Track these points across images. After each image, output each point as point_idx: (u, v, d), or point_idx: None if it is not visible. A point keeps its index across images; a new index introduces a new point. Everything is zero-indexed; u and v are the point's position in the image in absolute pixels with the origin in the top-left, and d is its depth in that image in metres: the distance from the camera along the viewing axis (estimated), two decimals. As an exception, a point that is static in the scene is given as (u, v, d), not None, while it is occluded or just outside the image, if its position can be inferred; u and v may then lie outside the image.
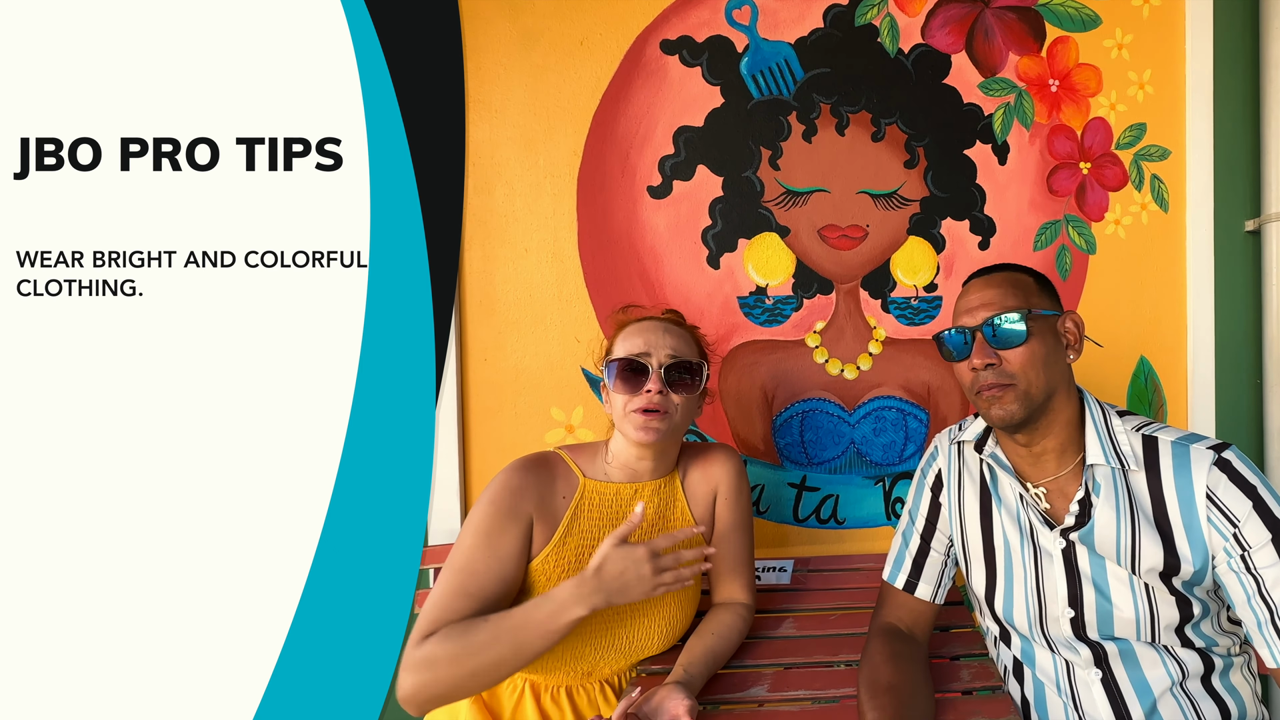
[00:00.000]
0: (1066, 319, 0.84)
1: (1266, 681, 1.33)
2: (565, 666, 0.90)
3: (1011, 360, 0.79)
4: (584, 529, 0.91)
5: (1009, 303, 0.80)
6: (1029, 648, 0.87)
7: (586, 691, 0.93)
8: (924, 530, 0.95)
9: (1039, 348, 0.79)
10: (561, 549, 0.89)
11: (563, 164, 1.34)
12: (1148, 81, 1.37)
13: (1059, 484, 0.83)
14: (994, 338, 0.80)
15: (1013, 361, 0.79)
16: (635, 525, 0.81)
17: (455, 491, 1.28)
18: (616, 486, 0.95)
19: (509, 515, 0.86)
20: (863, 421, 1.35)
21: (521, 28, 1.33)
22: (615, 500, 0.94)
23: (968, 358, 0.81)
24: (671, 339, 0.93)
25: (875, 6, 1.34)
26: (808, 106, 1.34)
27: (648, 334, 0.92)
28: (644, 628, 0.93)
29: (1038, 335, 0.79)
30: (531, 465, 0.92)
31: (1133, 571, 0.77)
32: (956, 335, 0.83)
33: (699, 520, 1.00)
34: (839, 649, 1.00)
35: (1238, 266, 1.38)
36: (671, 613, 0.95)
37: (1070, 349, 0.83)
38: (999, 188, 1.36)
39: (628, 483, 0.95)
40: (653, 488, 0.97)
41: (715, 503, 1.02)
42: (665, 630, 0.94)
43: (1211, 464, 0.75)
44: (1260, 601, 0.71)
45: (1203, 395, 1.36)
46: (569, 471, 0.95)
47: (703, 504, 1.01)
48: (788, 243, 1.34)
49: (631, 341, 0.92)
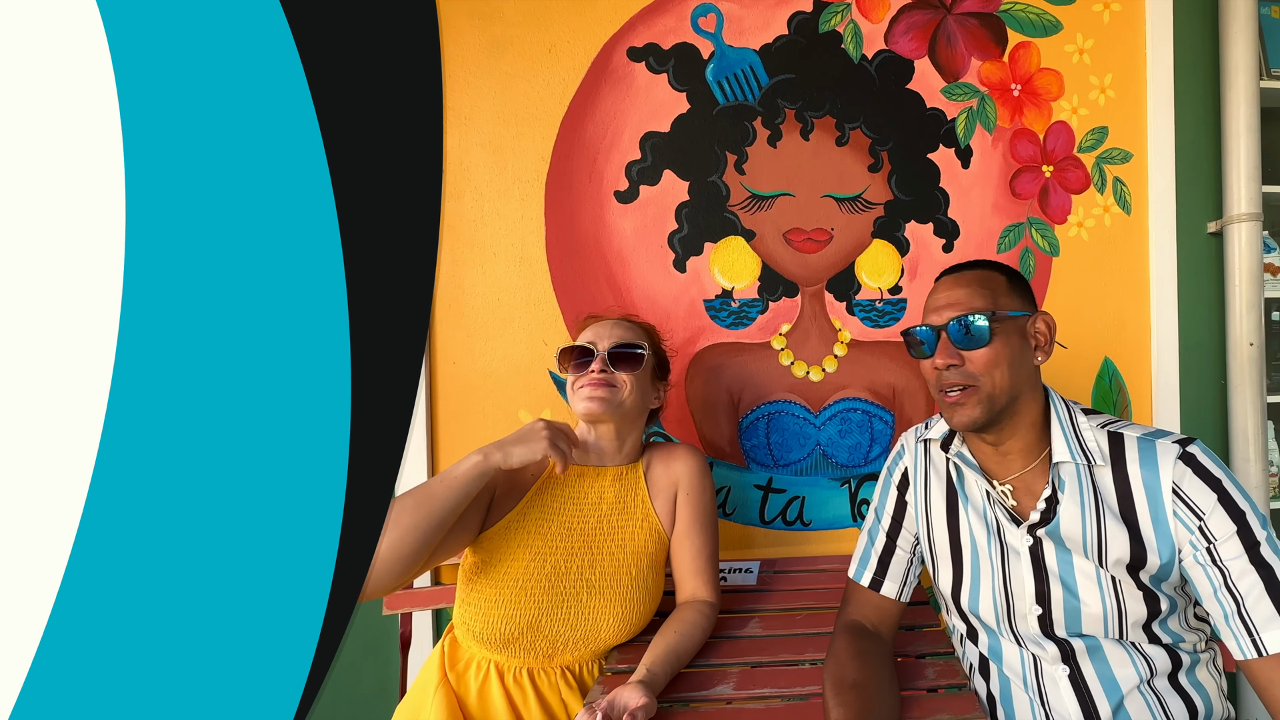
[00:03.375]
0: (1037, 319, 0.83)
1: (1233, 679, 1.34)
2: (525, 640, 0.92)
3: (975, 361, 0.79)
4: (544, 504, 0.98)
5: (974, 303, 0.80)
6: (996, 643, 0.87)
7: (548, 675, 0.95)
8: (890, 528, 0.96)
9: (1003, 349, 0.79)
10: (522, 520, 0.96)
11: (531, 170, 1.35)
12: (1109, 85, 1.38)
13: (1025, 481, 0.84)
14: (958, 338, 0.79)
15: (976, 362, 0.79)
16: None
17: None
18: (581, 469, 1.02)
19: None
20: (828, 423, 1.36)
21: (491, 36, 1.35)
22: (579, 481, 1.01)
23: (933, 355, 0.82)
24: (620, 330, 1.03)
25: (839, 13, 1.36)
26: (773, 112, 1.36)
27: (598, 329, 1.04)
28: (600, 607, 0.95)
29: (1002, 336, 0.79)
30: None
31: (1100, 564, 0.78)
32: (923, 332, 0.83)
33: (659, 512, 1.03)
34: (805, 648, 1.00)
35: (1201, 268, 1.39)
36: (629, 598, 0.97)
37: (1039, 350, 0.83)
38: (962, 191, 1.37)
39: (592, 466, 1.03)
40: (615, 474, 1.03)
41: (676, 497, 1.04)
42: (621, 614, 0.96)
43: (1177, 458, 0.76)
44: (1227, 593, 0.71)
45: (1167, 396, 1.37)
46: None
47: (664, 497, 1.04)
48: (753, 246, 1.36)
49: (583, 335, 1.04)
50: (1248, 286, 1.35)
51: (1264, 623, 0.68)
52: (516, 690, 0.94)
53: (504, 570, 0.93)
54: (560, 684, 0.95)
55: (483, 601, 0.93)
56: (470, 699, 0.93)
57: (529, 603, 0.92)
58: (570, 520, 0.98)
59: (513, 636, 0.92)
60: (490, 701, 0.93)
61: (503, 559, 0.94)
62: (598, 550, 0.97)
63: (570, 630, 0.94)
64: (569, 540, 0.97)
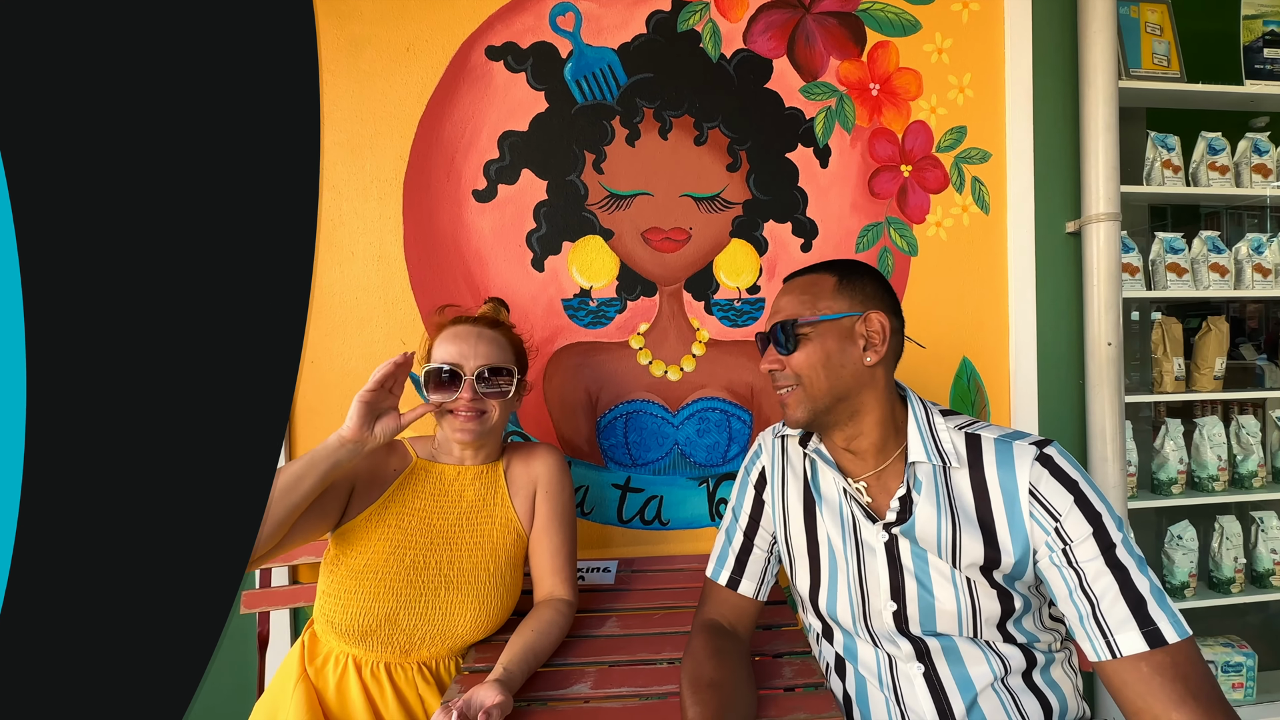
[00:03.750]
0: (869, 318, 0.81)
1: (1089, 677, 1.34)
2: (383, 633, 0.93)
3: (792, 364, 0.82)
4: (405, 499, 0.99)
5: (793, 309, 0.83)
6: (851, 643, 0.87)
7: (405, 671, 0.95)
8: (747, 527, 0.95)
9: (817, 352, 0.80)
10: (383, 513, 0.97)
11: (389, 169, 1.35)
12: (968, 85, 1.38)
13: (881, 480, 0.84)
14: (778, 343, 0.83)
15: (793, 365, 0.82)
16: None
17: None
18: (442, 467, 1.03)
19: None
20: (686, 423, 1.37)
21: (349, 35, 1.35)
22: (440, 478, 1.02)
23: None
24: (485, 346, 0.99)
25: (697, 12, 1.36)
26: (631, 111, 1.36)
27: (461, 342, 0.99)
28: (458, 602, 0.96)
29: (817, 340, 0.80)
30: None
31: (954, 566, 0.78)
32: (759, 337, 0.88)
33: (518, 511, 1.04)
34: (662, 647, 1.00)
35: (1059, 268, 1.39)
36: (487, 594, 0.97)
37: (870, 349, 0.81)
38: (821, 190, 1.37)
39: (453, 464, 1.04)
40: (475, 472, 1.04)
41: (535, 496, 1.05)
42: (478, 611, 0.97)
43: (1034, 459, 0.76)
44: (1082, 595, 0.70)
45: (1025, 396, 1.37)
46: (405, 451, 1.04)
47: (523, 495, 1.05)
48: (611, 245, 1.36)
49: (446, 349, 0.99)
50: (1106, 286, 1.35)
51: (1118, 625, 0.68)
52: (374, 685, 0.94)
53: (364, 562, 0.94)
54: (418, 679, 0.96)
55: (342, 592, 0.93)
56: (329, 693, 0.94)
57: (387, 595, 0.92)
58: (430, 515, 0.99)
59: (370, 629, 0.92)
60: (348, 696, 0.93)
61: (362, 551, 0.95)
62: (457, 546, 0.98)
63: (427, 625, 0.94)
64: (429, 535, 0.97)
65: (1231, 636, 1.52)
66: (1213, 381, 1.48)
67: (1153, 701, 0.64)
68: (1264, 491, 1.48)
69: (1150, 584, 0.69)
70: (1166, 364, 1.47)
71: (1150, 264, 1.49)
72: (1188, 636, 0.66)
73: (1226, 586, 1.47)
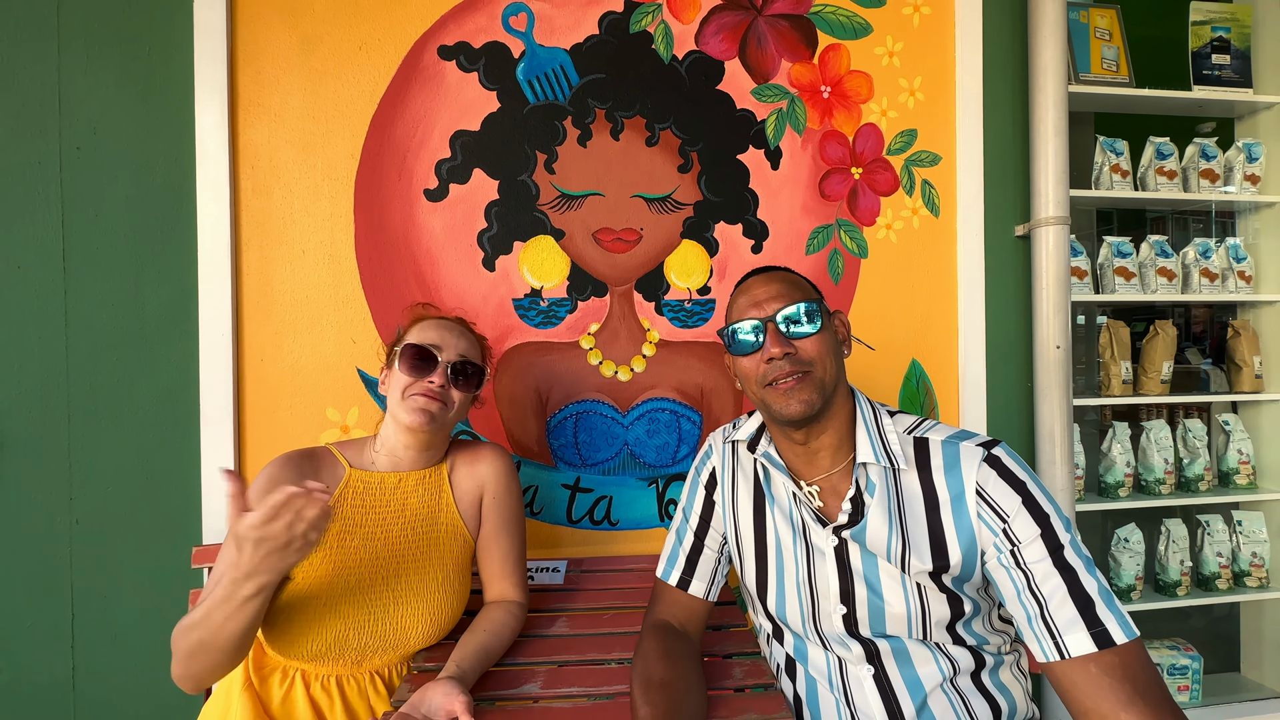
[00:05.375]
0: (836, 317, 0.86)
1: (1038, 680, 1.35)
2: (332, 654, 0.91)
3: (805, 348, 0.79)
4: (346, 515, 0.94)
5: (797, 295, 0.81)
6: (801, 645, 0.87)
7: (357, 681, 0.93)
8: (698, 528, 0.95)
9: (829, 338, 0.80)
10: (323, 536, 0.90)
11: (341, 167, 1.35)
12: (918, 89, 1.39)
13: (831, 482, 0.84)
14: (788, 327, 0.79)
15: (808, 349, 0.79)
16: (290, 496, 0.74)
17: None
18: (381, 475, 0.98)
19: None
20: (636, 423, 1.37)
21: (301, 33, 1.35)
22: (379, 488, 0.97)
23: (759, 349, 0.80)
24: (464, 342, 0.99)
25: (650, 14, 1.37)
26: (583, 111, 1.36)
27: (443, 331, 0.98)
28: (408, 615, 0.94)
29: (827, 327, 0.81)
30: (295, 459, 0.94)
31: (903, 570, 0.78)
32: (748, 328, 0.81)
33: (464, 517, 1.01)
34: (612, 647, 1.00)
35: (1008, 270, 1.40)
36: (437, 604, 0.96)
37: (845, 344, 0.85)
38: (772, 192, 1.38)
39: (392, 471, 0.99)
40: (418, 478, 0.99)
41: (482, 501, 1.03)
42: (430, 620, 0.95)
43: (981, 460, 0.76)
44: (1030, 596, 0.70)
45: (974, 397, 1.38)
46: (335, 463, 0.97)
47: (468, 499, 1.02)
48: (563, 245, 1.36)
49: (426, 333, 0.98)
50: (1055, 290, 1.36)
51: (1066, 626, 0.67)
52: (323, 697, 0.92)
53: (306, 587, 0.89)
54: (369, 690, 0.94)
55: (287, 622, 0.89)
56: (274, 705, 0.91)
57: (334, 619, 0.89)
58: (372, 530, 0.94)
59: (319, 652, 0.90)
60: (295, 707, 0.91)
61: (306, 575, 0.89)
62: (403, 559, 0.95)
63: (378, 640, 0.92)
64: (372, 551, 0.93)
65: (1177, 639, 1.53)
66: (1160, 385, 1.49)
67: (1101, 702, 0.64)
68: (1210, 495, 1.49)
69: (1098, 585, 0.69)
70: (1114, 367, 1.48)
71: (1099, 268, 1.50)
72: (1136, 637, 0.66)
73: (1173, 589, 1.48)
